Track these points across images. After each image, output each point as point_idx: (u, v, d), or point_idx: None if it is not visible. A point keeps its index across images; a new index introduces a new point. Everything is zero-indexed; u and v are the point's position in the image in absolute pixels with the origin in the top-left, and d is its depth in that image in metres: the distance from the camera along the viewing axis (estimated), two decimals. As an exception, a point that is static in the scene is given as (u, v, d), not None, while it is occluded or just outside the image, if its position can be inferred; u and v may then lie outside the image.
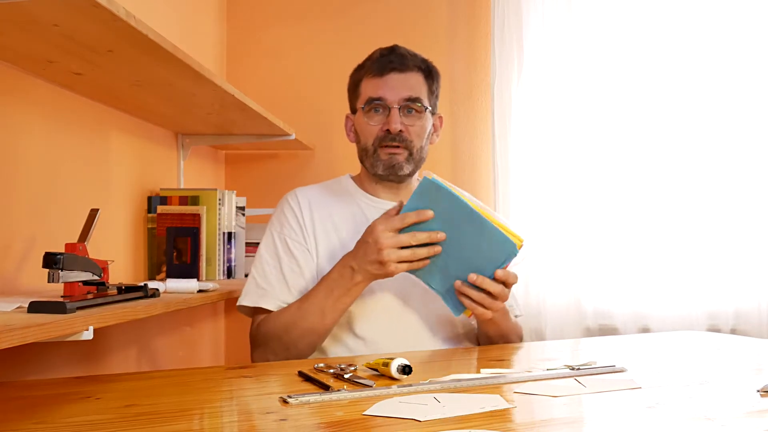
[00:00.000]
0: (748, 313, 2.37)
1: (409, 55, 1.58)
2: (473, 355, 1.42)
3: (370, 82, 1.56)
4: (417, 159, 1.57)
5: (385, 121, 1.53)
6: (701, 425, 0.84)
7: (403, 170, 1.55)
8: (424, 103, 1.56)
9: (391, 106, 1.53)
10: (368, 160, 1.57)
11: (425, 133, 1.57)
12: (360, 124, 1.58)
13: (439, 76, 1.63)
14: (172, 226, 1.96)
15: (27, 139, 1.46)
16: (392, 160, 1.54)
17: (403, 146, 1.54)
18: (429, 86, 1.59)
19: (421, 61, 1.59)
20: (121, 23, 1.13)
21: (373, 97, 1.54)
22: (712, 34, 2.43)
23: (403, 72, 1.55)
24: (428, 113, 1.57)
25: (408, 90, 1.54)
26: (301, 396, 0.97)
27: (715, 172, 2.43)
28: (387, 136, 1.53)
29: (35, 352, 1.44)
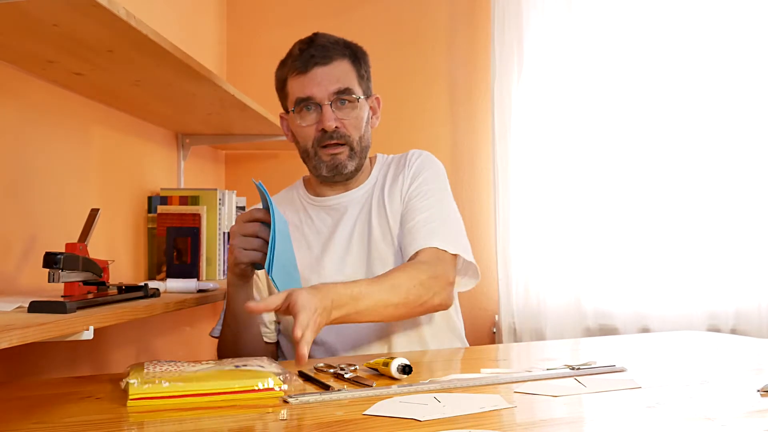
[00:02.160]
0: (748, 313, 2.37)
1: (329, 43, 1.48)
2: (473, 355, 1.42)
3: (296, 81, 1.47)
4: (359, 151, 1.49)
5: (319, 120, 1.45)
6: (701, 425, 0.84)
7: (347, 168, 1.48)
8: (355, 92, 1.47)
9: (322, 103, 1.44)
10: (310, 162, 1.50)
11: (362, 122, 1.49)
12: (294, 126, 1.50)
13: (366, 56, 1.53)
14: (172, 226, 1.96)
15: (27, 139, 1.46)
16: (334, 160, 1.47)
17: (342, 142, 1.46)
18: (357, 71, 1.50)
19: (344, 47, 1.49)
20: (121, 23, 1.13)
21: (301, 96, 1.46)
22: (712, 34, 2.44)
23: (327, 64, 1.45)
24: (362, 101, 1.49)
25: (335, 82, 1.45)
26: (301, 396, 0.97)
27: (715, 172, 2.43)
28: (324, 135, 1.45)
29: (35, 352, 1.44)
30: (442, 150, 2.58)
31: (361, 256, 1.49)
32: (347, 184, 1.55)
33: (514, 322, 2.44)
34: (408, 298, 1.31)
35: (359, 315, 1.25)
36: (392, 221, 1.49)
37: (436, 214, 1.46)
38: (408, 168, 1.53)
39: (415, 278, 1.33)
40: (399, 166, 1.56)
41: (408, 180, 1.52)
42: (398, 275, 1.33)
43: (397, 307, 1.31)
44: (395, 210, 1.50)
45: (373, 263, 1.48)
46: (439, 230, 1.43)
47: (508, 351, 1.49)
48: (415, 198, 1.49)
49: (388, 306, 1.29)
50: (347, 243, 1.50)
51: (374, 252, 1.48)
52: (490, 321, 2.57)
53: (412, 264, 1.38)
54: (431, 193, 1.50)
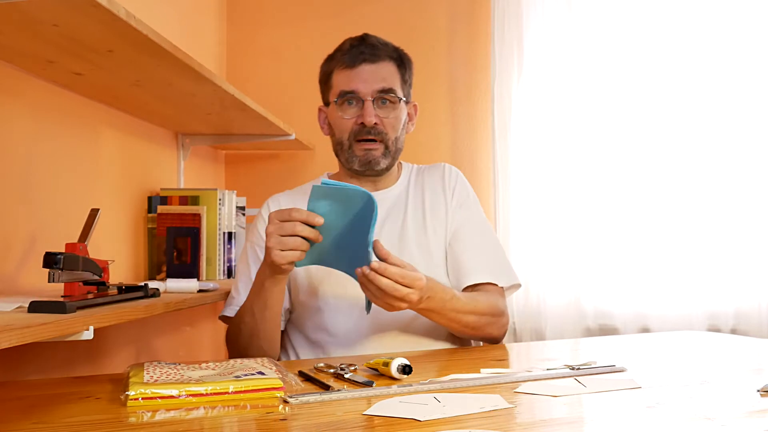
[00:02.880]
0: (748, 313, 2.37)
1: (380, 44, 1.54)
2: (473, 355, 1.42)
3: (342, 74, 1.52)
4: (393, 151, 1.54)
5: (359, 114, 1.50)
6: (701, 425, 0.84)
7: (379, 165, 1.53)
8: (398, 93, 1.52)
9: (365, 98, 1.49)
10: (343, 154, 1.54)
11: (400, 123, 1.55)
12: (333, 117, 1.54)
13: (411, 64, 1.60)
14: (173, 226, 1.96)
15: (27, 139, 1.46)
16: (368, 155, 1.51)
17: (379, 139, 1.51)
18: (402, 75, 1.55)
19: (393, 50, 1.55)
20: (122, 23, 1.13)
21: (346, 90, 1.50)
22: (712, 34, 2.44)
23: (375, 63, 1.51)
24: (402, 103, 1.55)
25: (381, 81, 1.50)
26: (301, 396, 0.97)
27: (715, 172, 2.43)
28: (362, 130, 1.50)
29: (35, 352, 1.44)
30: (442, 150, 2.59)
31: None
32: (376, 184, 1.59)
33: (514, 322, 2.44)
34: (479, 323, 1.44)
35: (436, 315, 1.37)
36: (432, 237, 1.54)
37: (488, 248, 1.56)
38: (448, 186, 1.60)
39: (491, 308, 1.46)
40: (434, 179, 1.61)
41: (453, 201, 1.59)
42: (481, 300, 1.45)
43: (466, 327, 1.43)
44: (437, 226, 1.56)
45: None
46: (494, 265, 1.54)
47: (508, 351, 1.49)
48: (465, 227, 1.56)
49: (461, 322, 1.41)
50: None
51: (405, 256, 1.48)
52: (490, 321, 2.56)
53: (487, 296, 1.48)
54: (481, 224, 1.60)
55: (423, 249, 1.52)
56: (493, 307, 1.47)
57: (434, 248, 1.54)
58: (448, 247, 1.55)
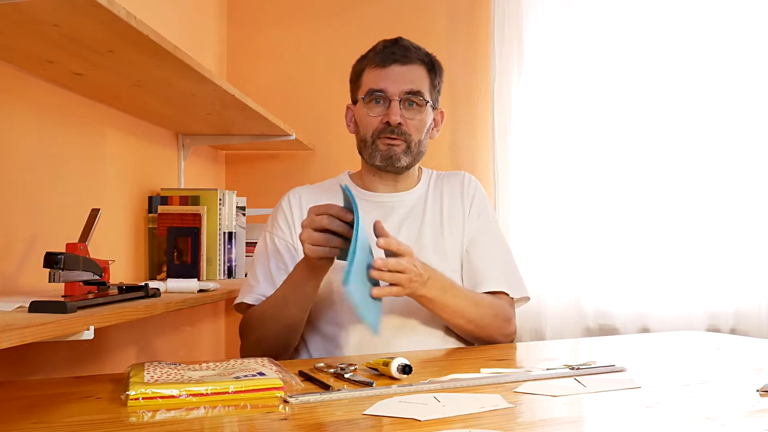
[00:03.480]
0: (748, 313, 2.37)
1: (412, 47, 1.57)
2: (473, 354, 1.42)
3: (372, 73, 1.54)
4: (415, 152, 1.56)
5: (385, 113, 1.52)
6: (701, 425, 0.84)
7: (400, 162, 1.54)
8: (425, 96, 1.54)
9: (392, 98, 1.51)
10: (366, 150, 1.56)
11: (425, 127, 1.56)
12: (360, 114, 1.57)
13: (442, 71, 1.62)
14: (173, 226, 1.96)
15: (28, 139, 1.46)
16: (390, 151, 1.53)
17: (402, 139, 1.53)
18: (431, 80, 1.58)
19: (425, 55, 1.58)
20: (122, 23, 1.13)
21: (374, 88, 1.53)
22: (712, 34, 2.43)
23: (406, 64, 1.54)
24: (429, 107, 1.56)
25: (409, 83, 1.53)
26: (301, 396, 0.97)
27: (715, 172, 2.43)
28: (386, 128, 1.52)
29: (36, 352, 1.44)
30: (442, 150, 2.59)
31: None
32: (397, 184, 1.61)
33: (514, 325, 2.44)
34: (482, 321, 1.45)
35: (439, 305, 1.38)
36: (449, 242, 1.56)
37: (503, 259, 1.59)
38: (467, 195, 1.62)
39: (496, 310, 1.47)
40: (454, 185, 1.63)
41: (472, 209, 1.60)
42: (486, 299, 1.48)
43: (469, 322, 1.44)
44: (454, 232, 1.57)
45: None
46: (507, 276, 1.56)
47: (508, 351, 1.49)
48: (483, 235, 1.58)
49: (464, 316, 1.43)
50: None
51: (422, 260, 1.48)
52: (490, 321, 2.56)
53: (500, 301, 1.50)
54: (498, 235, 1.62)
55: (439, 253, 1.54)
56: (499, 310, 1.49)
57: (450, 253, 1.55)
58: (465, 254, 1.57)
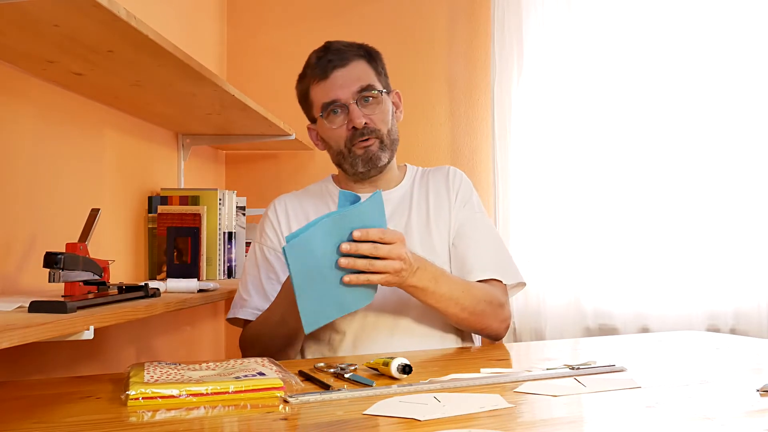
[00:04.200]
0: (748, 313, 2.37)
1: (344, 47, 1.54)
2: (473, 355, 1.42)
3: (318, 88, 1.52)
4: (389, 143, 1.54)
5: (348, 120, 1.50)
6: (701, 425, 0.84)
7: (381, 160, 1.53)
8: (376, 87, 1.52)
9: (347, 103, 1.49)
10: (346, 162, 1.54)
11: (388, 116, 1.54)
12: (324, 131, 1.55)
13: (380, 55, 1.59)
14: (173, 226, 1.96)
15: (28, 139, 1.46)
16: (368, 153, 1.51)
17: (374, 136, 1.51)
18: (375, 69, 1.55)
19: (358, 48, 1.55)
20: (122, 23, 1.13)
21: (327, 101, 1.50)
22: (712, 34, 2.44)
23: (345, 66, 1.51)
24: (384, 95, 1.54)
25: (357, 81, 1.50)
26: (301, 395, 0.97)
27: (715, 172, 2.43)
28: (355, 134, 1.50)
29: (36, 352, 1.44)
30: (442, 150, 2.59)
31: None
32: (377, 185, 1.59)
33: (514, 321, 2.44)
34: (476, 308, 1.42)
35: (431, 295, 1.36)
36: (437, 236, 1.54)
37: (491, 246, 1.56)
38: (452, 187, 1.60)
39: (489, 296, 1.45)
40: (439, 180, 1.61)
41: (457, 200, 1.58)
42: (477, 285, 1.45)
43: (463, 310, 1.41)
44: (441, 226, 1.55)
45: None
46: (498, 262, 1.54)
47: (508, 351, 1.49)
48: (469, 224, 1.56)
49: (458, 305, 1.40)
50: None
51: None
52: (490, 321, 2.56)
53: (493, 288, 1.48)
54: (484, 223, 1.60)
55: (427, 249, 1.52)
56: (492, 296, 1.46)
57: (438, 248, 1.54)
58: (452, 246, 1.55)
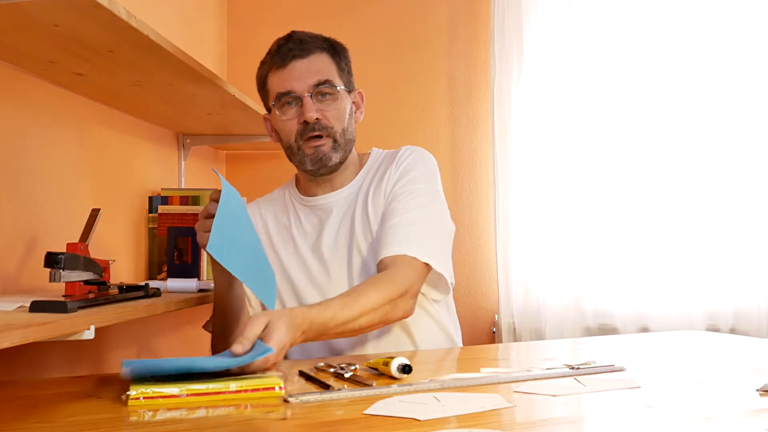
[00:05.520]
0: (748, 313, 2.37)
1: (308, 38, 1.47)
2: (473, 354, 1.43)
3: (275, 76, 1.46)
4: (343, 143, 1.47)
5: (300, 113, 1.44)
6: (700, 424, 0.84)
7: (331, 161, 1.46)
8: (335, 83, 1.46)
9: (302, 95, 1.43)
10: (295, 157, 1.49)
11: (345, 114, 1.48)
12: (276, 122, 1.49)
13: (346, 51, 1.52)
14: (173, 226, 1.96)
15: (28, 139, 1.46)
16: (317, 152, 1.45)
17: (325, 134, 1.45)
18: (337, 64, 1.48)
19: (323, 41, 1.49)
20: (122, 24, 1.13)
21: (282, 91, 1.45)
22: (712, 34, 2.44)
23: (306, 57, 1.44)
24: (343, 93, 1.48)
25: (315, 74, 1.44)
26: (301, 395, 0.97)
27: (715, 172, 2.43)
28: (306, 128, 1.44)
29: (36, 352, 1.44)
30: (442, 150, 2.59)
31: (343, 260, 1.48)
32: (334, 183, 1.53)
33: (513, 321, 2.44)
34: (374, 319, 1.31)
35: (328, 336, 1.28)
36: (374, 224, 1.46)
37: (418, 219, 1.42)
38: (396, 165, 1.50)
39: (386, 298, 1.31)
40: (389, 163, 1.52)
41: (394, 177, 1.48)
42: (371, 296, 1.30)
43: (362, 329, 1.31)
44: (378, 210, 1.47)
45: (353, 268, 1.46)
46: (419, 237, 1.40)
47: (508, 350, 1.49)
48: (399, 197, 1.45)
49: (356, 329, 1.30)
50: (333, 246, 1.49)
51: (355, 256, 1.46)
52: (490, 320, 2.57)
53: (384, 280, 1.34)
54: (417, 194, 1.46)
55: (370, 245, 1.46)
56: (389, 293, 1.32)
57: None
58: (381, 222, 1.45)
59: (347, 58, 1.53)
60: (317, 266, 1.49)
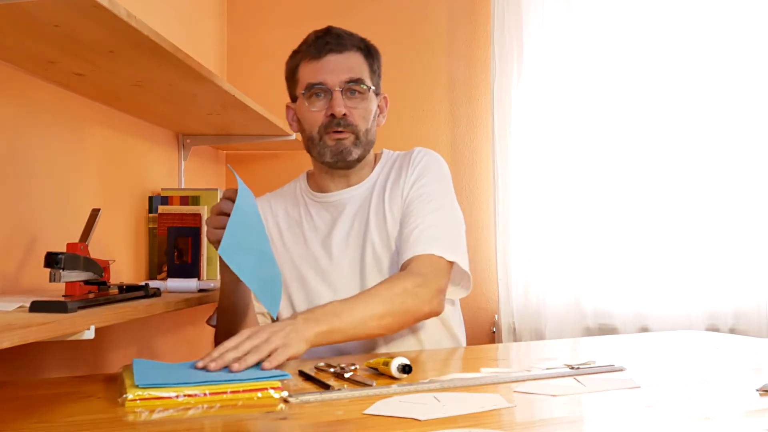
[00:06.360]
0: (747, 313, 2.37)
1: (345, 34, 1.49)
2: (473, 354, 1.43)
3: (308, 67, 1.48)
4: (364, 142, 1.49)
5: (328, 106, 1.45)
6: (700, 424, 0.84)
7: (351, 155, 1.47)
8: (367, 83, 1.48)
9: (333, 89, 1.45)
10: (315, 148, 1.49)
11: (370, 115, 1.49)
12: (302, 111, 1.50)
13: (379, 55, 1.55)
14: (173, 226, 1.96)
15: (28, 139, 1.46)
16: (339, 145, 1.46)
17: (349, 130, 1.46)
18: (370, 65, 1.51)
19: (359, 40, 1.51)
20: (122, 24, 1.13)
21: (313, 82, 1.46)
22: (712, 34, 2.44)
23: (342, 53, 1.46)
24: (372, 94, 1.50)
25: (348, 71, 1.46)
26: (301, 395, 0.97)
27: (715, 172, 2.44)
28: (332, 122, 1.45)
29: (36, 352, 1.44)
30: (442, 150, 2.56)
31: (356, 256, 1.48)
32: (349, 179, 1.54)
33: (513, 321, 2.44)
34: (392, 307, 1.30)
35: (343, 333, 1.25)
36: (390, 222, 1.48)
37: (437, 220, 1.44)
38: (411, 167, 1.52)
39: (399, 286, 1.32)
40: (402, 164, 1.54)
41: (410, 180, 1.50)
42: (382, 286, 1.33)
43: (382, 318, 1.29)
44: (395, 211, 1.48)
45: (366, 265, 1.47)
46: (439, 237, 1.42)
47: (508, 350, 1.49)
48: (417, 201, 1.47)
49: (373, 318, 1.28)
50: (344, 242, 1.50)
51: (369, 253, 1.47)
52: (490, 321, 2.57)
53: (399, 274, 1.38)
54: (433, 196, 1.48)
55: (384, 242, 1.47)
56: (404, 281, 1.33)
57: (395, 239, 1.48)
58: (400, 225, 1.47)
59: (379, 62, 1.55)
60: (327, 261, 1.49)
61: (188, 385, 0.96)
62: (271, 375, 1.01)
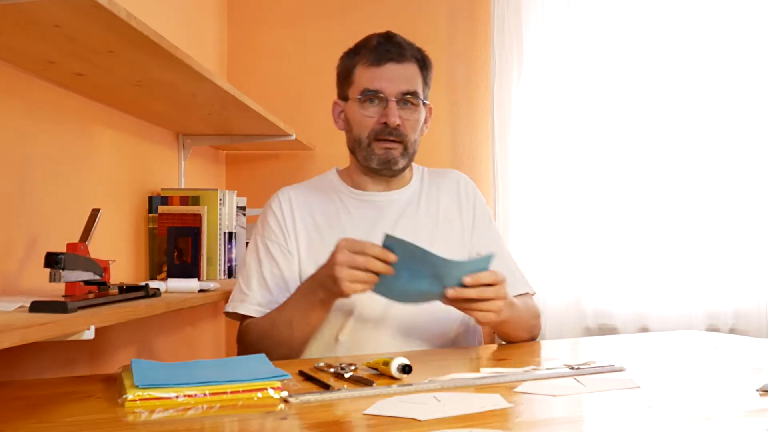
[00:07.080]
0: (747, 313, 2.37)
1: (405, 44, 1.53)
2: (473, 354, 1.43)
3: (366, 71, 1.50)
4: (411, 153, 1.54)
5: (382, 114, 1.49)
6: (700, 424, 0.84)
7: (398, 165, 1.52)
8: (420, 96, 1.52)
9: (389, 98, 1.48)
10: (361, 152, 1.52)
11: (419, 126, 1.54)
12: (354, 114, 1.53)
13: (432, 66, 1.58)
14: (173, 226, 1.96)
15: (28, 139, 1.46)
16: (388, 155, 1.50)
17: (399, 140, 1.50)
18: (423, 77, 1.55)
19: (417, 51, 1.55)
20: (122, 24, 1.13)
21: (370, 88, 1.49)
22: (712, 34, 2.44)
23: (401, 63, 1.50)
24: (422, 106, 1.54)
25: (406, 83, 1.50)
26: (301, 395, 0.97)
27: (715, 172, 2.43)
28: (384, 130, 1.49)
29: (36, 352, 1.45)
30: (442, 150, 2.59)
31: None
32: (389, 183, 1.58)
33: (513, 321, 2.44)
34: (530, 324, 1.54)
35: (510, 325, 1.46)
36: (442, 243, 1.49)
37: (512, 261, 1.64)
38: (466, 200, 1.62)
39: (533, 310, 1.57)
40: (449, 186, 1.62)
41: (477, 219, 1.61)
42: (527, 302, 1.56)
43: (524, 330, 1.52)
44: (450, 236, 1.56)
45: None
46: (521, 276, 1.62)
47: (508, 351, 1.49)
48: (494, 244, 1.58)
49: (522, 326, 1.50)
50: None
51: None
52: (490, 321, 2.57)
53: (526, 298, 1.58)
54: (501, 238, 1.69)
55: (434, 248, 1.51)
56: (534, 309, 1.58)
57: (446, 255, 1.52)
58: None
59: (431, 73, 1.59)
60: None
61: (188, 385, 0.96)
62: (271, 375, 1.01)
